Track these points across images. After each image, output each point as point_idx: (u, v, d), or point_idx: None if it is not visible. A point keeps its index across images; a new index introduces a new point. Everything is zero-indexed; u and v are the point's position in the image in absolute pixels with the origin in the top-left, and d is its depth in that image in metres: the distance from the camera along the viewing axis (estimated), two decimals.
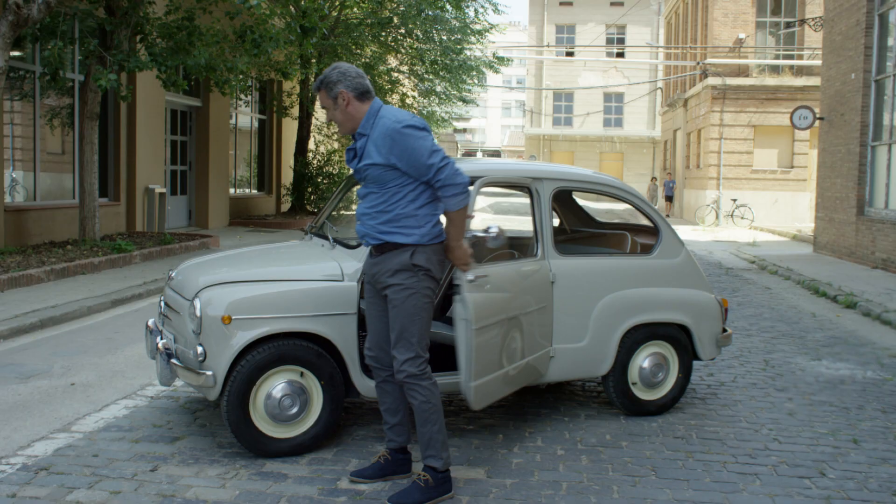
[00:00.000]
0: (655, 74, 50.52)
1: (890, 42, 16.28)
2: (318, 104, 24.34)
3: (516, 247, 6.22)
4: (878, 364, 8.03)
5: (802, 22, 26.79)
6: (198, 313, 4.76)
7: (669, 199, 35.70)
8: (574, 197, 7.15)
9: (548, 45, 54.99)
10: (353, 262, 5.06)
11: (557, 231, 6.92)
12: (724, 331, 6.24)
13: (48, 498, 4.24)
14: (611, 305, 5.68)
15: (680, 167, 37.50)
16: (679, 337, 5.94)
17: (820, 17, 21.37)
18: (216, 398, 4.80)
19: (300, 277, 5.02)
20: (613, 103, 57.23)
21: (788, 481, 4.76)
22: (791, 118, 20.95)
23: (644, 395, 5.89)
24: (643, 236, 6.48)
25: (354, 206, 22.61)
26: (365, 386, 5.02)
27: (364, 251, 5.03)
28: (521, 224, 17.25)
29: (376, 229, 4.34)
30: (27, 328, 8.44)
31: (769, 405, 6.36)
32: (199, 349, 4.73)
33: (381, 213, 4.33)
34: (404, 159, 4.22)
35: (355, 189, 6.33)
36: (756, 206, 30.07)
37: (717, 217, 30.49)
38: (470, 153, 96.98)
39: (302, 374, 4.89)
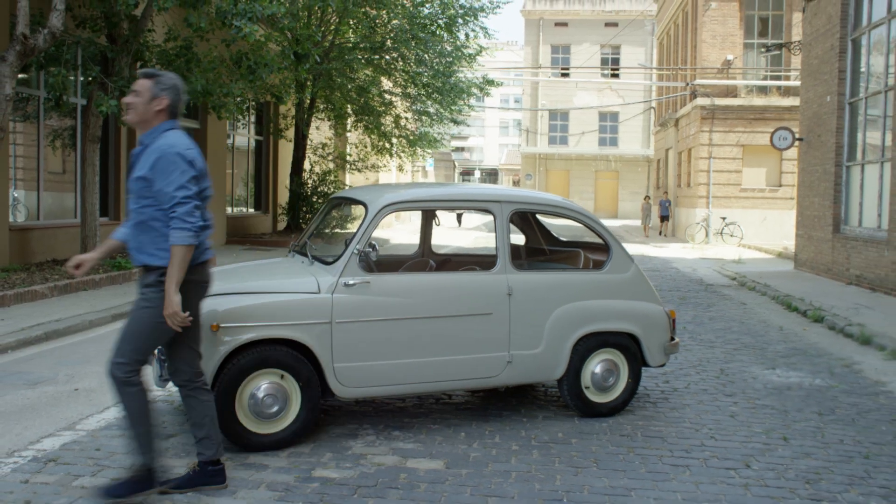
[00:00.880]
0: (649, 94, 51.28)
1: (862, 66, 16.92)
2: (312, 126, 25.00)
3: (478, 262, 6.83)
4: (829, 373, 8.58)
5: (782, 46, 27.48)
6: None
7: (665, 218, 36.14)
8: (539, 218, 7.74)
9: (541, 67, 55.79)
10: (328, 277, 5.67)
11: (523, 248, 7.53)
12: (672, 339, 6.83)
13: (56, 483, 4.84)
14: (564, 316, 6.27)
15: (672, 186, 38.12)
16: (628, 345, 6.54)
17: (799, 42, 22.04)
18: None
19: (281, 290, 5.63)
20: (608, 122, 58.03)
21: (715, 472, 5.34)
22: (771, 139, 21.57)
23: (596, 397, 6.47)
24: (596, 253, 7.07)
25: (334, 227, 23.29)
26: (339, 388, 5.62)
27: (339, 267, 5.67)
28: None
29: (136, 248, 4.58)
30: (33, 340, 9.03)
31: (715, 408, 6.94)
32: None
33: (141, 232, 4.56)
34: (158, 180, 4.45)
35: (335, 211, 6.96)
36: (745, 224, 30.63)
37: (707, 235, 31.03)
38: (468, 171, 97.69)
39: (282, 377, 5.48)
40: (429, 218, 7.47)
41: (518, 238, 7.75)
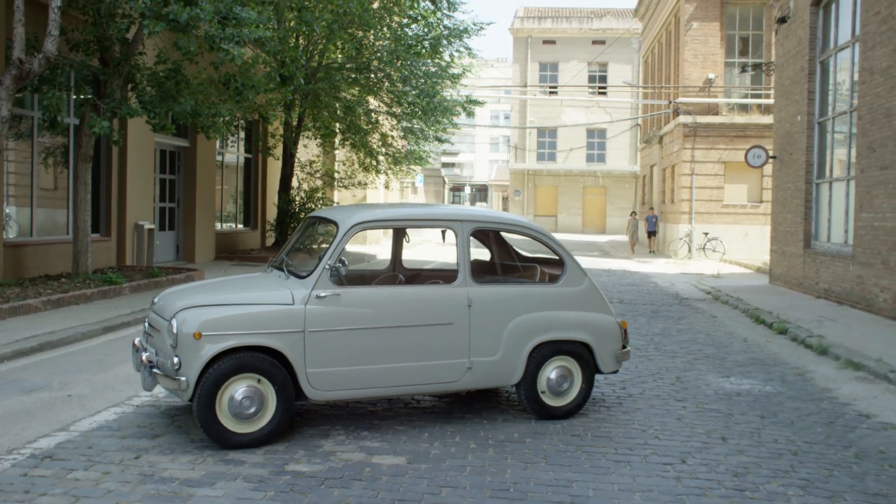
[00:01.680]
0: (636, 112, 51.97)
1: (830, 87, 17.55)
2: (300, 144, 25.53)
3: (443, 277, 7.37)
4: (781, 381, 9.11)
5: (758, 66, 28.18)
6: (174, 331, 5.89)
7: (652, 233, 36.34)
8: (502, 235, 8.27)
9: (527, 86, 56.46)
10: (302, 290, 6.21)
11: (485, 263, 8.07)
12: (624, 347, 7.36)
13: (53, 476, 5.35)
14: (520, 325, 6.81)
15: (657, 202, 38.71)
16: (582, 353, 7.08)
17: (772, 63, 22.69)
18: (188, 400, 5.92)
19: (259, 302, 6.19)
20: (596, 139, 58.77)
21: (653, 467, 5.87)
22: (746, 157, 22.17)
23: (552, 401, 7.01)
24: (553, 268, 7.61)
25: (310, 244, 23.76)
26: (311, 391, 6.15)
27: (312, 280, 6.22)
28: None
29: None
30: (28, 351, 9.53)
31: (664, 412, 7.47)
32: (175, 360, 5.86)
33: None
34: None
35: (310, 229, 7.50)
36: (727, 240, 31.16)
37: (690, 250, 31.57)
38: (458, 188, 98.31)
39: (259, 381, 6.01)
40: (399, 236, 8.02)
41: (483, 254, 8.28)
